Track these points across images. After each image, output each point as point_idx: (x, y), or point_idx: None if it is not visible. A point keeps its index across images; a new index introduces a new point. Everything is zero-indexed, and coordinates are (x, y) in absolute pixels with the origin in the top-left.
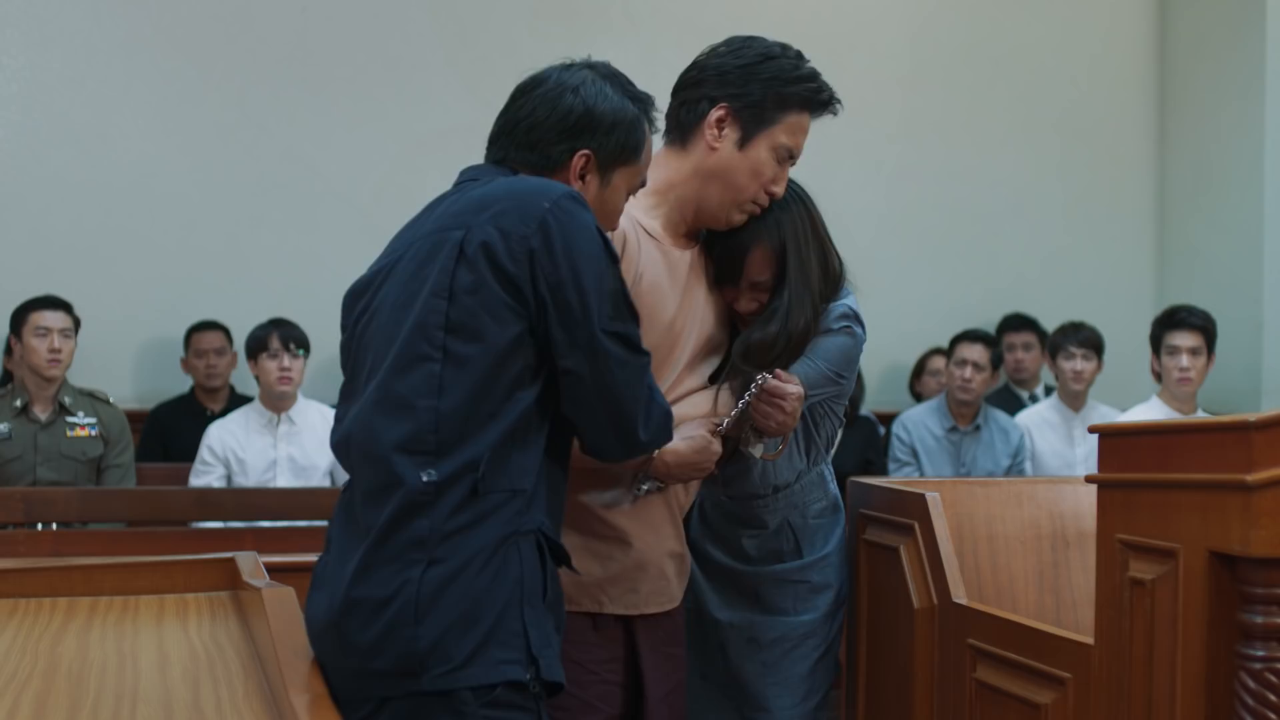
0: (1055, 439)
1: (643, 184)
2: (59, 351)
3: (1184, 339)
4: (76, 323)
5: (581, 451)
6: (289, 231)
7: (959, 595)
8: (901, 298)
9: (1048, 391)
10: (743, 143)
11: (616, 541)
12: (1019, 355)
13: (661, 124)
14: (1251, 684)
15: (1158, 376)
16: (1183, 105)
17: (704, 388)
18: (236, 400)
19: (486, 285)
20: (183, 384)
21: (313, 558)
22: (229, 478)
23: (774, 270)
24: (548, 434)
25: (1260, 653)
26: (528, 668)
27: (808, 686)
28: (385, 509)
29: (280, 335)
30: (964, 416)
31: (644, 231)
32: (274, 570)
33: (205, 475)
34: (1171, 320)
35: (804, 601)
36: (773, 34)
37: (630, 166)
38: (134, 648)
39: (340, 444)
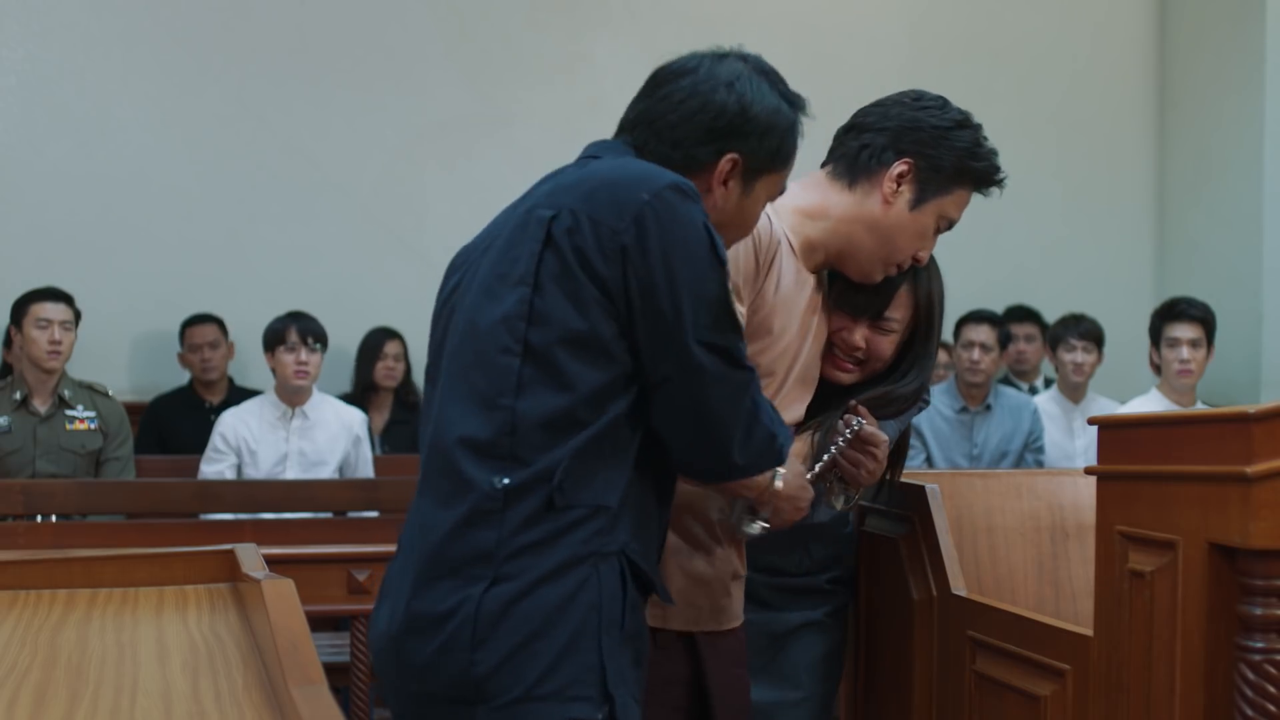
0: (1055, 431)
1: (781, 191)
2: (59, 344)
3: (1184, 331)
4: (77, 315)
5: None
6: (288, 223)
7: (958, 587)
8: None
9: (1047, 383)
10: (915, 204)
11: (698, 553)
12: (1021, 346)
13: (807, 130)
14: (1251, 676)
15: (1157, 369)
16: (1182, 97)
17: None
18: (236, 393)
19: (574, 276)
20: (180, 376)
21: (313, 550)
22: (239, 467)
23: (906, 316)
24: (641, 448)
25: (1260, 644)
26: (600, 706)
27: (825, 670)
28: (449, 512)
29: (298, 329)
30: (974, 398)
31: (788, 238)
32: (274, 562)
33: (217, 463)
34: (1171, 312)
35: (810, 601)
36: (771, 24)
37: (777, 174)
38: (133, 639)
39: (421, 433)
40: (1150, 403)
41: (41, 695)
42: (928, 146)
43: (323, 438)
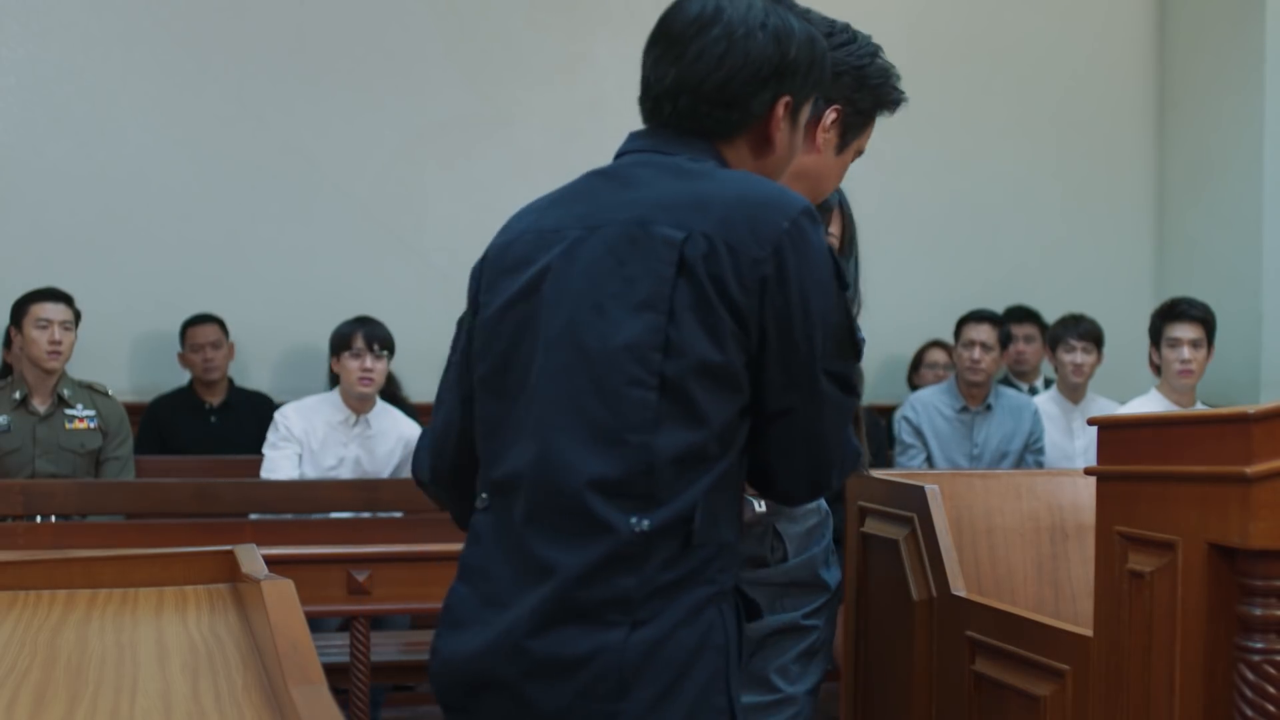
0: (1055, 431)
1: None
2: (59, 344)
3: (1185, 331)
4: (77, 315)
5: (764, 494)
6: (287, 223)
7: (958, 587)
8: (900, 290)
9: (1047, 384)
10: (841, 148)
11: None
12: (1020, 347)
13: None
14: (1250, 676)
15: (1156, 369)
16: (1182, 97)
17: None
18: (236, 393)
19: (711, 306)
20: (180, 377)
21: (312, 550)
22: (300, 458)
23: (839, 230)
24: (743, 477)
25: (1259, 645)
26: None
27: (800, 669)
28: (580, 553)
29: (364, 334)
30: (974, 397)
31: None
32: (273, 563)
33: (284, 449)
34: (1172, 312)
35: (790, 599)
36: None
37: (813, 98)
38: (133, 640)
39: (502, 457)
40: (1150, 403)
41: (41, 696)
42: (851, 90)
43: (382, 450)
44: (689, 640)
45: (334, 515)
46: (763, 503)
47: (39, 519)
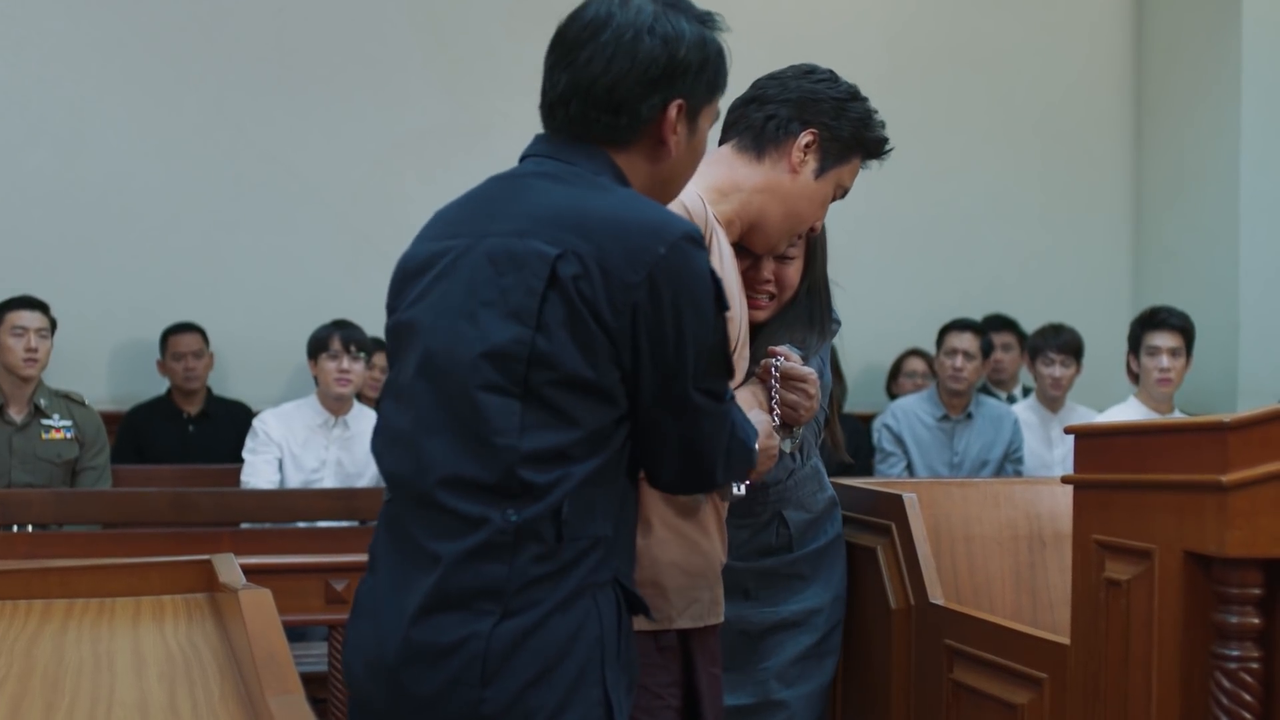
0: (1033, 440)
1: (719, 115)
2: (35, 351)
3: (1164, 339)
4: (53, 323)
5: (649, 485)
6: (266, 233)
7: (936, 596)
8: (879, 299)
9: (1025, 392)
10: (820, 173)
11: (691, 547)
12: (999, 356)
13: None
14: (1226, 684)
15: (1134, 377)
16: (1160, 107)
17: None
18: (214, 402)
19: (584, 325)
20: (158, 386)
21: (289, 559)
22: (281, 463)
23: (802, 248)
24: (625, 473)
25: (1235, 653)
26: None
27: (798, 672)
28: (454, 543)
29: (341, 336)
30: (955, 406)
31: (716, 220)
32: (251, 572)
33: (264, 454)
34: (1152, 320)
35: (794, 592)
36: (749, 35)
37: (715, 102)
38: (110, 650)
39: (388, 456)
40: (1128, 411)
41: (17, 707)
42: (828, 117)
43: (361, 450)
44: (561, 631)
45: (312, 524)
46: (741, 486)
47: (15, 529)
